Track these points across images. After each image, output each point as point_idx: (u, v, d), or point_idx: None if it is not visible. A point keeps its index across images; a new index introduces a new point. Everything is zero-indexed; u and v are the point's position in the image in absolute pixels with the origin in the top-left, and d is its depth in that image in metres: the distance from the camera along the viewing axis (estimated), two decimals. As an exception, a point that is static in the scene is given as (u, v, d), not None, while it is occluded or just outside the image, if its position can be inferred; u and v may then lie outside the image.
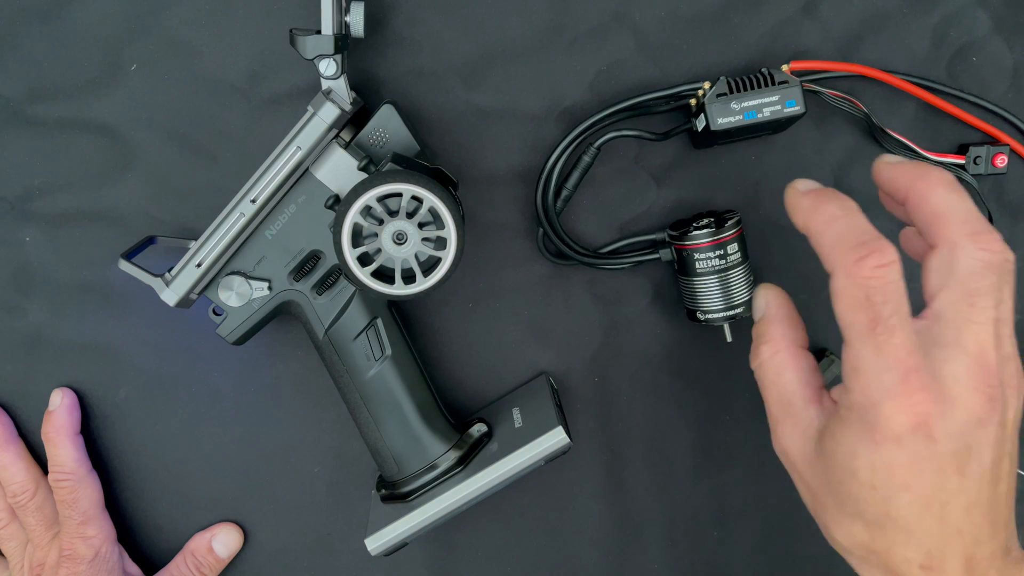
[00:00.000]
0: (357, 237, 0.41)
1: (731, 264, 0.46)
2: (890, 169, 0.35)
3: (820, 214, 0.33)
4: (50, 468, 0.49)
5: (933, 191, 0.33)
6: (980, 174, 0.49)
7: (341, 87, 0.42)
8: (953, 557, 0.32)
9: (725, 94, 0.44)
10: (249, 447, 0.52)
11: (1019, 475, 0.51)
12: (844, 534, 0.34)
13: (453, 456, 0.46)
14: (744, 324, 0.51)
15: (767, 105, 0.44)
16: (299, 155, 0.41)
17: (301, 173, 0.42)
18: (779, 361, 0.36)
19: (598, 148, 0.47)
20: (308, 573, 0.53)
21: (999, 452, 0.32)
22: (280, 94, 0.48)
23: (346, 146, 0.43)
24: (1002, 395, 0.31)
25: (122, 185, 0.49)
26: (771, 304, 0.38)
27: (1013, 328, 0.33)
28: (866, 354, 0.31)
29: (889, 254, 0.31)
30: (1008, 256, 0.32)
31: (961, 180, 0.49)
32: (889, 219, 0.51)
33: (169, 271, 0.43)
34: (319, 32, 0.41)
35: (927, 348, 0.31)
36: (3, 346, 0.50)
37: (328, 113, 0.41)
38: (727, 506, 0.54)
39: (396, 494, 0.47)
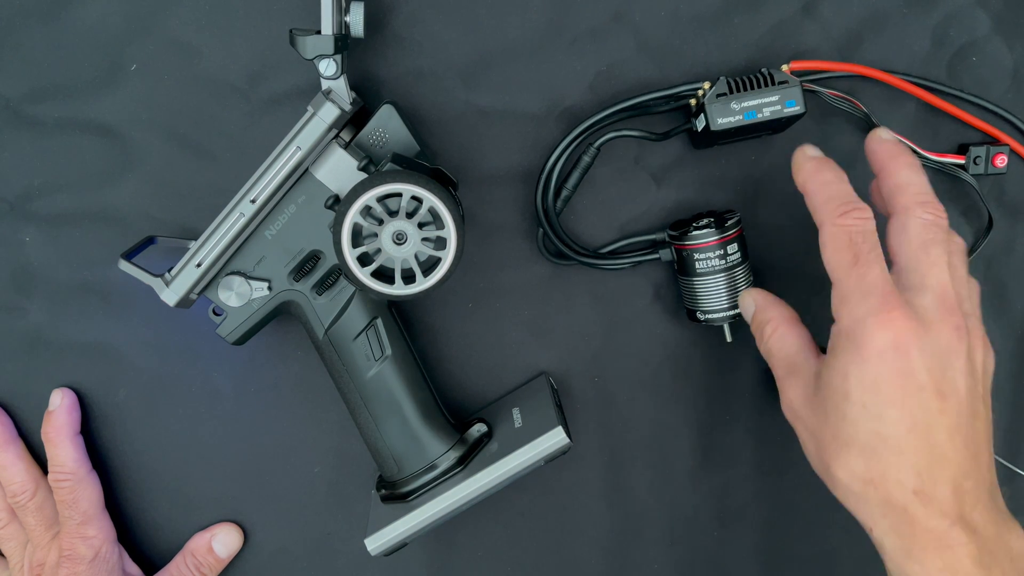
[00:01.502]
0: (357, 237, 0.41)
1: (731, 264, 0.46)
2: (875, 144, 0.41)
3: (818, 177, 0.40)
4: (50, 468, 0.49)
5: (899, 170, 0.39)
6: (980, 174, 0.49)
7: (341, 87, 0.42)
8: (942, 483, 0.35)
9: (725, 94, 0.44)
10: (249, 447, 0.52)
11: (996, 460, 0.51)
12: (842, 467, 0.37)
13: (453, 456, 0.46)
14: (744, 324, 0.51)
15: (767, 105, 0.44)
16: (299, 155, 0.41)
17: (301, 173, 0.42)
18: (781, 333, 0.41)
19: (598, 148, 0.47)
20: (308, 573, 0.53)
21: (972, 386, 0.37)
22: (280, 94, 0.48)
23: (346, 146, 0.43)
24: (967, 331, 0.36)
25: (122, 185, 0.49)
26: (757, 298, 0.43)
27: (972, 294, 0.39)
28: (850, 284, 0.37)
29: (868, 212, 0.38)
30: (957, 239, 0.40)
31: (961, 180, 0.49)
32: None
33: (169, 271, 0.43)
34: (319, 32, 0.41)
35: (899, 288, 0.37)
36: (3, 346, 0.50)
37: (328, 113, 0.41)
38: (727, 506, 0.54)
39: (396, 494, 0.47)
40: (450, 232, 0.41)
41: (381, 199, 0.40)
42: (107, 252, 0.49)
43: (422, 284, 0.42)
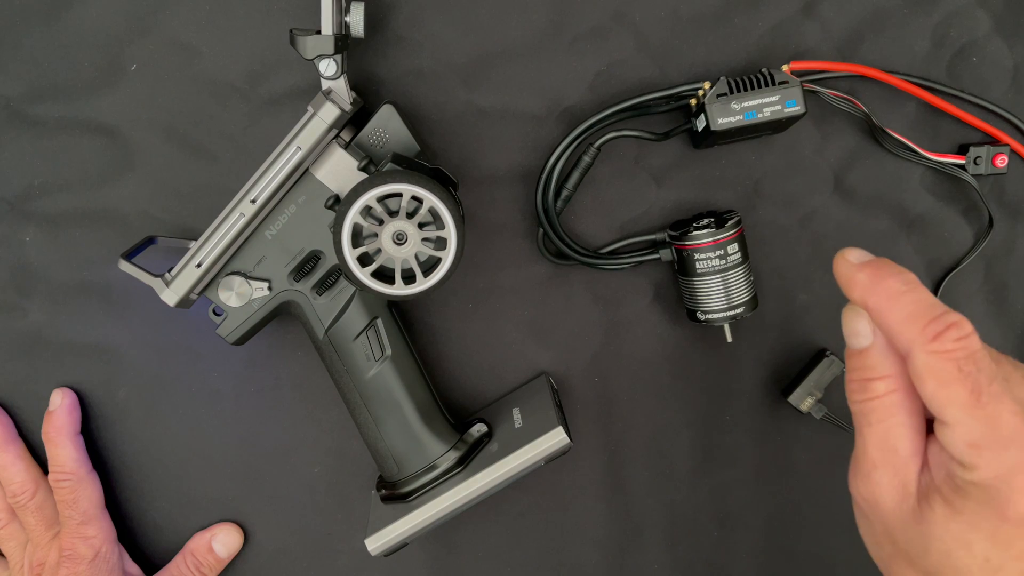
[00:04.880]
0: (357, 237, 0.41)
1: (731, 264, 0.46)
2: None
3: (882, 290, 0.32)
4: (50, 468, 0.49)
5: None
6: (980, 174, 0.49)
7: (341, 87, 0.42)
8: None
9: (725, 94, 0.44)
10: (249, 447, 0.52)
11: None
12: None
13: (453, 456, 0.46)
14: (744, 324, 0.51)
15: (767, 105, 0.44)
16: (299, 155, 0.41)
17: (301, 173, 0.42)
18: (894, 401, 0.33)
19: (598, 148, 0.47)
20: (308, 573, 0.53)
21: None
22: (280, 94, 0.48)
23: (346, 146, 0.43)
24: None
25: (122, 185, 0.49)
26: (878, 332, 0.33)
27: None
28: (978, 428, 0.30)
29: (966, 326, 0.30)
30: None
31: (961, 180, 0.49)
32: (890, 217, 0.51)
33: (169, 271, 0.43)
34: (319, 32, 0.41)
35: None
36: (3, 346, 0.50)
37: (328, 113, 0.41)
38: (727, 506, 0.54)
39: (396, 494, 0.47)
40: (450, 232, 0.41)
41: (381, 199, 0.40)
42: (107, 252, 0.49)
43: (422, 284, 0.42)
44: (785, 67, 0.46)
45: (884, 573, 0.35)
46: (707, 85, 0.45)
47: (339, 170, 0.43)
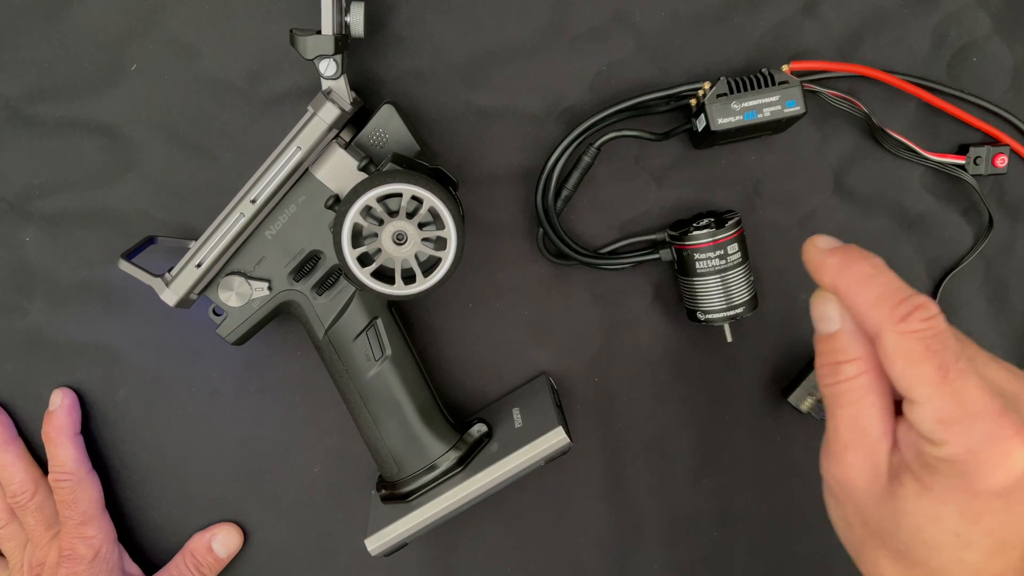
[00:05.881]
0: (357, 237, 0.41)
1: (731, 264, 0.46)
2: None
3: (852, 274, 0.33)
4: (50, 468, 0.49)
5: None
6: (980, 174, 0.49)
7: (341, 87, 0.42)
8: None
9: (725, 94, 0.44)
10: (249, 447, 0.52)
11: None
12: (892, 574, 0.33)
13: (453, 456, 0.46)
14: (744, 324, 0.51)
15: (767, 105, 0.44)
16: (299, 155, 0.41)
17: (301, 173, 0.42)
18: (864, 383, 0.33)
19: (598, 148, 0.47)
20: (308, 573, 0.53)
21: None
22: (280, 94, 0.48)
23: (346, 146, 0.43)
24: None
25: (122, 185, 0.49)
26: (846, 316, 0.34)
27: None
28: (944, 404, 0.30)
29: (933, 307, 0.31)
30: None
31: (961, 180, 0.49)
32: (890, 217, 0.51)
33: (169, 271, 0.43)
34: (319, 32, 0.41)
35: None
36: (3, 346, 0.50)
37: (328, 113, 0.41)
38: (727, 506, 0.53)
39: (396, 494, 0.47)
40: (450, 232, 0.41)
41: (381, 199, 0.40)
42: (107, 252, 0.49)
43: (422, 284, 0.42)
44: (785, 67, 0.46)
45: (855, 557, 0.35)
46: (707, 85, 0.45)
47: (339, 170, 0.43)
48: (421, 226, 0.41)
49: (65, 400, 0.49)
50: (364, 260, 0.41)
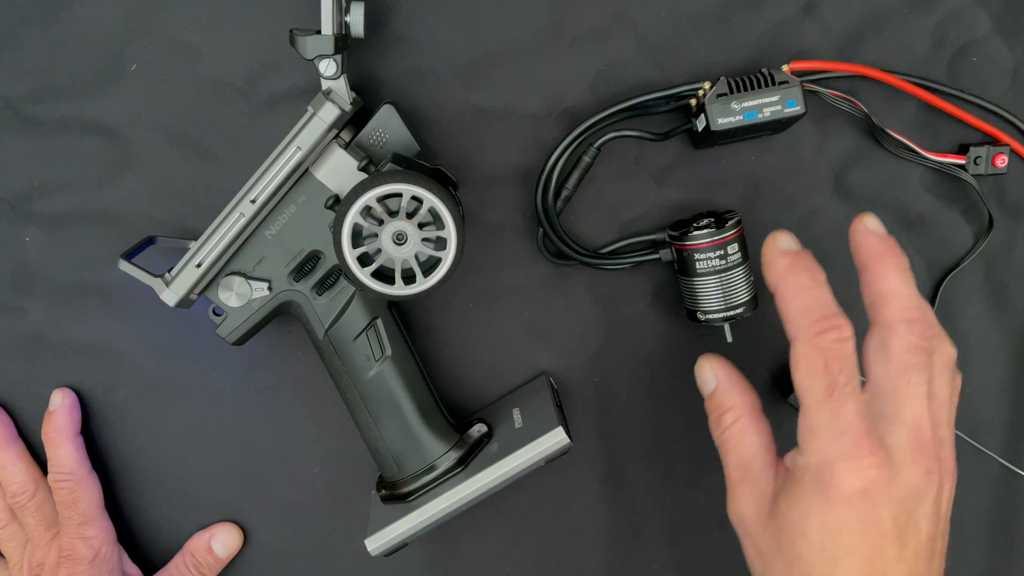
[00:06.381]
0: (357, 237, 0.41)
1: (731, 264, 0.46)
2: (861, 237, 0.38)
3: (792, 280, 0.36)
4: (50, 469, 0.49)
5: (885, 274, 0.36)
6: (980, 174, 0.49)
7: (341, 87, 0.42)
8: None
9: (725, 94, 0.44)
10: (249, 447, 0.52)
11: (997, 460, 0.51)
12: None
13: (453, 456, 0.46)
14: (744, 324, 0.51)
15: (767, 105, 0.44)
16: (299, 155, 0.41)
17: (301, 173, 0.42)
18: (741, 426, 0.38)
19: (598, 148, 0.47)
20: (308, 573, 0.53)
21: (934, 528, 0.35)
22: (280, 94, 0.48)
23: (346, 146, 0.43)
24: (939, 471, 0.35)
25: (122, 185, 0.49)
26: (719, 374, 0.39)
27: (951, 415, 0.36)
28: (822, 418, 0.34)
29: (847, 330, 0.34)
30: (945, 350, 0.36)
31: (961, 180, 0.49)
32: (890, 217, 0.51)
33: (169, 271, 0.43)
34: (319, 32, 0.41)
35: (872, 420, 0.34)
36: (3, 346, 0.50)
37: (328, 113, 0.41)
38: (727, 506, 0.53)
39: (396, 494, 0.47)
40: (450, 232, 0.41)
41: (381, 199, 0.40)
42: (107, 252, 0.49)
43: (422, 284, 0.42)
44: (785, 67, 0.46)
45: None
46: (707, 85, 0.45)
47: (339, 170, 0.43)
48: (421, 226, 0.41)
49: (65, 400, 0.49)
50: (364, 260, 0.41)
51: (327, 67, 0.41)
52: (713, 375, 0.39)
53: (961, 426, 0.52)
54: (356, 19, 0.41)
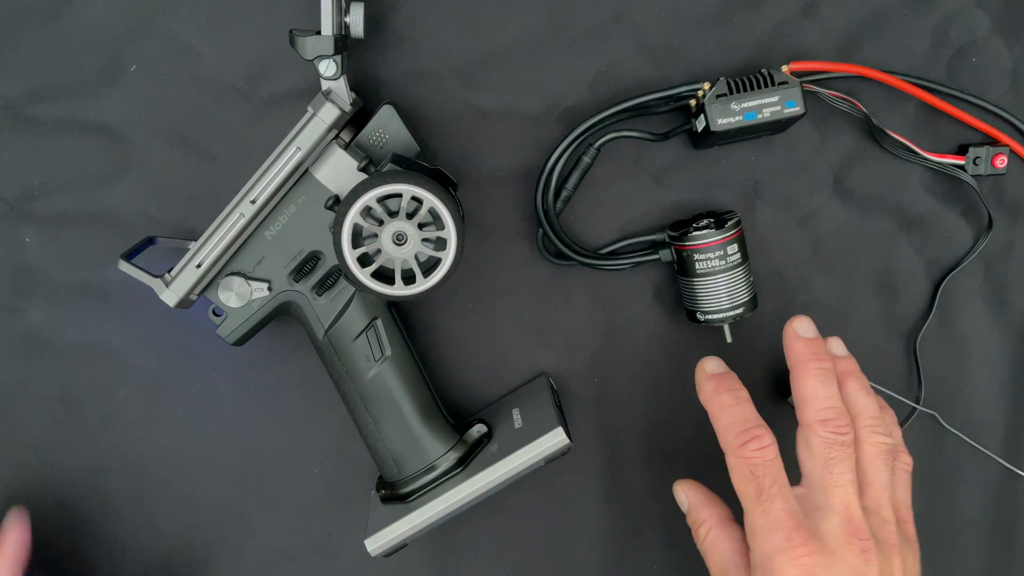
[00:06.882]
0: (357, 238, 0.41)
1: (731, 265, 0.46)
2: (790, 340, 0.42)
3: (716, 400, 0.42)
4: None
5: (805, 379, 0.41)
6: (980, 174, 0.49)
7: (341, 88, 0.42)
8: None
9: (725, 95, 0.44)
10: (249, 447, 0.52)
11: (997, 461, 0.51)
12: None
13: (453, 457, 0.46)
14: (744, 324, 0.51)
15: (767, 106, 0.44)
16: (299, 156, 0.41)
17: (301, 174, 0.42)
18: (714, 536, 0.42)
19: (598, 149, 0.47)
20: (308, 573, 0.53)
21: None
22: (280, 94, 0.48)
23: (346, 147, 0.43)
24: (877, 549, 0.37)
25: (122, 185, 0.49)
26: (690, 495, 0.44)
27: (898, 494, 0.41)
28: (757, 518, 0.38)
29: (767, 439, 0.39)
30: (875, 440, 0.40)
31: (961, 180, 0.49)
32: (890, 217, 0.51)
33: (169, 271, 0.43)
34: (319, 33, 0.41)
35: (808, 511, 0.38)
36: (3, 346, 0.50)
37: (328, 114, 0.41)
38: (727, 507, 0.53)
39: (396, 495, 0.47)
40: (450, 232, 0.41)
41: (381, 200, 0.40)
42: (107, 252, 0.49)
43: (422, 285, 0.42)
44: (785, 67, 0.46)
45: None
46: (707, 85, 0.45)
47: (339, 170, 0.43)
48: (421, 226, 0.41)
49: (14, 536, 0.45)
50: (364, 261, 0.41)
51: (327, 68, 0.41)
52: (685, 497, 0.44)
53: (961, 426, 0.52)
54: (356, 20, 0.41)
